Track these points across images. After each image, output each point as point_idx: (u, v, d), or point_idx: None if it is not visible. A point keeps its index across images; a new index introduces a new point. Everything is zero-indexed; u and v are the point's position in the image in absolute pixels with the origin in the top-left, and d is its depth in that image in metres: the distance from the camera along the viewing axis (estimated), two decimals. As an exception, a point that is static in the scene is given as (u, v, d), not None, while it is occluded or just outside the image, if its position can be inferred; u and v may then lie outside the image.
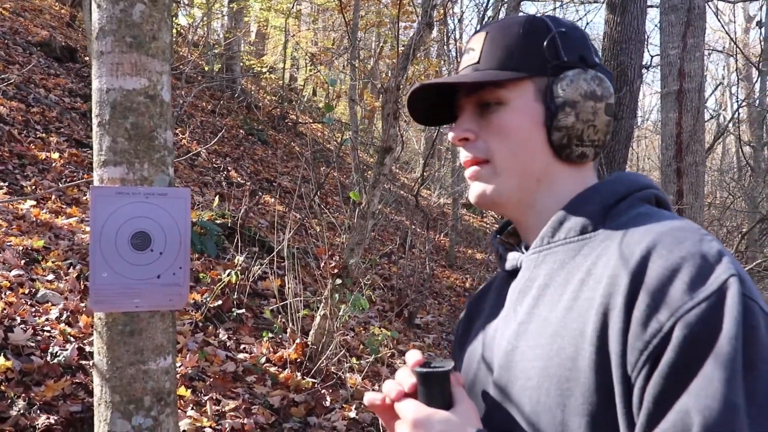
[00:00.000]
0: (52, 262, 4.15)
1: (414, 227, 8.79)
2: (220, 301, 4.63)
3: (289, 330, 4.62)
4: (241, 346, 4.34)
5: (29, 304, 3.62)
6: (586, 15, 14.96)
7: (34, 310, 3.59)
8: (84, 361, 3.32)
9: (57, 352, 3.25)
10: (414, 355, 0.93)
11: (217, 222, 5.86)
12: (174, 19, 12.42)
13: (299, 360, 4.34)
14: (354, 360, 4.64)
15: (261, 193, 8.35)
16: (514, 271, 0.96)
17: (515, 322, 0.89)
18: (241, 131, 11.18)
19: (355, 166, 7.92)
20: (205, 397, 3.51)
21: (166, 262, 1.55)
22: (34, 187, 5.26)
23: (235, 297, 4.80)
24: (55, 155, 6.01)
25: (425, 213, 8.88)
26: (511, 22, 0.96)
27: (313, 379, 4.17)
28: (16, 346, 3.17)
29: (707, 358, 0.68)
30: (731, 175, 15.08)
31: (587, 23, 20.49)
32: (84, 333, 3.54)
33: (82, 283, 4.01)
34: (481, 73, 0.93)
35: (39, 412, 2.83)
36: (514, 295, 0.93)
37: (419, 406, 0.84)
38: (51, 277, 4.01)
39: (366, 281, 5.56)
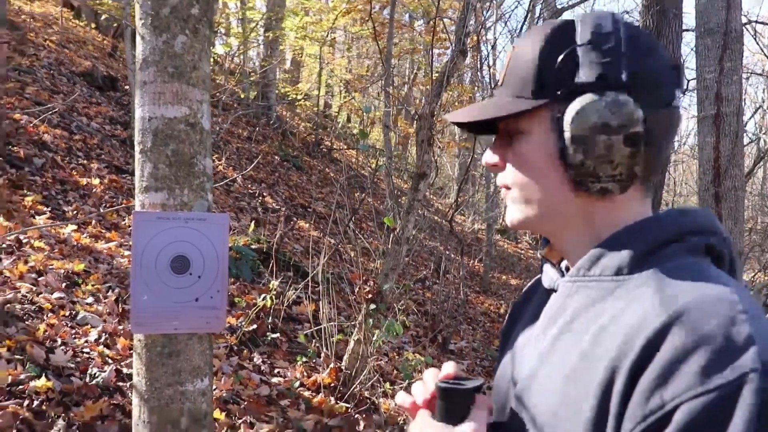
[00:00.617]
0: (92, 286, 4.23)
1: (448, 253, 8.78)
2: (255, 325, 4.67)
3: (323, 354, 4.63)
4: (276, 370, 4.36)
5: (70, 326, 3.70)
6: (620, 40, 14.88)
7: (74, 332, 3.66)
8: (121, 383, 3.37)
9: (96, 374, 3.31)
10: (448, 367, 0.92)
11: (253, 247, 5.93)
12: (211, 48, 12.68)
13: (333, 385, 4.34)
14: (388, 385, 4.63)
15: (296, 218, 8.43)
16: (553, 288, 0.93)
17: (540, 347, 0.87)
18: (276, 157, 11.32)
19: (390, 191, 7.96)
20: (240, 421, 3.53)
21: (204, 286, 1.58)
22: (75, 212, 5.39)
23: (269, 321, 4.84)
24: (96, 181, 6.16)
25: (459, 239, 8.87)
26: (539, 33, 0.87)
27: (347, 404, 4.17)
28: (56, 367, 3.24)
29: None
30: (772, 200, 14.77)
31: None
32: (122, 355, 3.60)
33: (120, 306, 4.08)
34: (490, 107, 0.89)
35: (78, 432, 2.88)
36: (546, 317, 0.90)
37: (424, 420, 0.86)
38: (90, 300, 4.09)
39: (400, 306, 5.56)
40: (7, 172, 5.56)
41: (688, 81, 11.13)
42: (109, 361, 3.52)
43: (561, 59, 0.82)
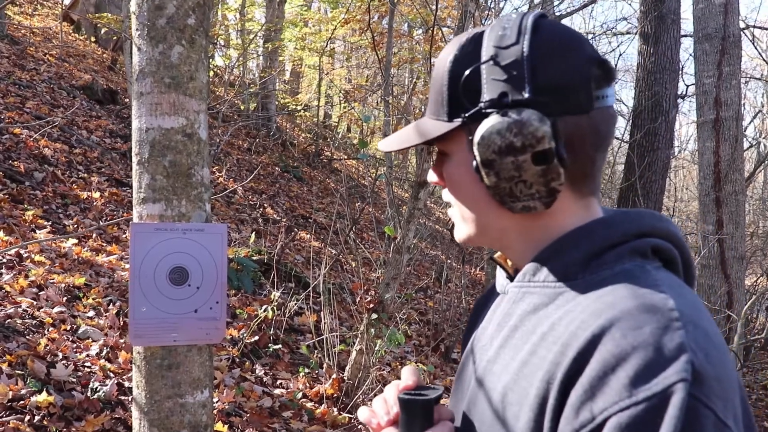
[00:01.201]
0: (93, 299, 4.22)
1: (449, 261, 8.76)
2: (257, 337, 4.65)
3: (325, 365, 4.62)
4: (278, 382, 4.34)
5: (71, 340, 3.69)
6: (618, 46, 14.91)
7: (75, 346, 3.65)
8: (123, 397, 3.35)
9: (97, 388, 3.30)
10: (408, 373, 0.91)
11: (254, 258, 5.92)
12: (211, 60, 12.73)
13: (336, 395, 4.32)
14: (390, 395, 4.60)
15: (297, 229, 8.43)
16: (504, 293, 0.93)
17: (487, 355, 0.86)
18: (276, 168, 11.33)
19: (390, 201, 7.96)
20: (242, 433, 3.51)
21: (204, 297, 1.57)
22: (75, 225, 5.38)
23: (271, 332, 4.82)
24: (96, 194, 6.16)
25: (461, 247, 8.86)
26: (450, 48, 0.84)
27: (350, 415, 4.15)
28: (58, 382, 3.23)
29: None
30: (774, 204, 14.77)
31: (620, 54, 20.41)
32: (123, 369, 3.59)
33: (121, 319, 4.07)
34: (413, 133, 0.88)
35: (79, 447, 2.86)
36: (494, 324, 0.89)
37: None
38: (92, 313, 4.08)
39: (402, 316, 5.54)
40: (8, 186, 5.56)
41: (687, 86, 11.16)
42: (111, 374, 3.51)
43: (464, 80, 0.80)
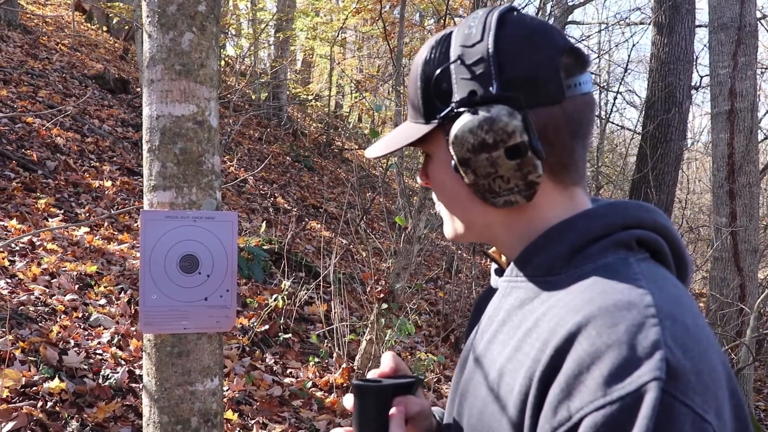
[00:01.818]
0: (105, 287, 4.24)
1: (460, 252, 8.74)
2: (267, 326, 4.66)
3: (335, 354, 4.62)
4: (288, 371, 4.35)
5: (82, 327, 3.71)
6: (632, 37, 14.79)
7: (87, 333, 3.67)
8: (134, 384, 3.37)
9: (108, 375, 3.32)
10: (386, 360, 0.92)
11: (264, 248, 5.93)
12: (222, 50, 12.73)
13: (345, 385, 4.33)
14: (400, 385, 4.60)
15: (307, 218, 8.43)
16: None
17: (477, 350, 0.86)
18: (287, 158, 11.34)
19: (401, 191, 7.94)
20: (252, 421, 3.53)
21: (214, 285, 1.57)
22: (87, 214, 5.41)
23: (281, 322, 4.83)
24: (108, 183, 6.18)
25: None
26: (423, 50, 0.85)
27: (360, 404, 4.15)
28: (70, 369, 3.25)
29: None
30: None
31: (633, 45, 20.24)
32: (134, 356, 3.61)
33: (132, 307, 4.09)
34: (396, 136, 0.90)
35: (91, 434, 2.88)
36: (485, 319, 0.89)
37: None
38: (103, 301, 4.10)
39: (412, 306, 5.54)
40: (21, 174, 5.59)
41: (701, 77, 11.05)
42: (122, 362, 3.53)
43: (435, 81, 0.81)
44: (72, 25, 12.16)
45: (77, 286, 4.11)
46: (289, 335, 4.74)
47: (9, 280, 3.88)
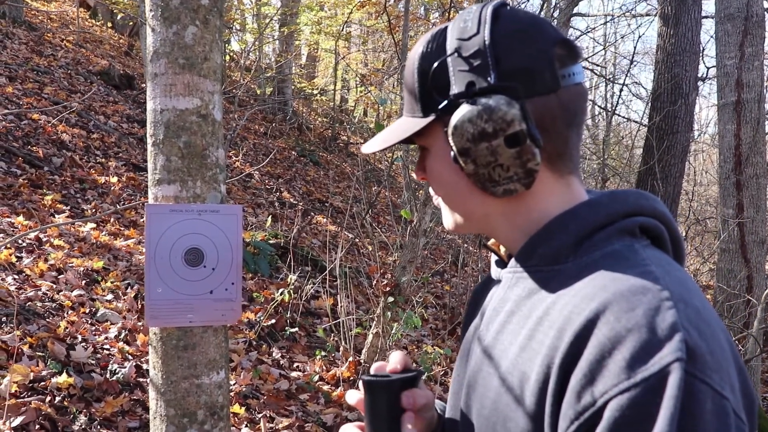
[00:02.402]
0: (111, 283, 4.26)
1: (466, 245, 8.74)
2: (274, 320, 4.67)
3: (341, 348, 4.63)
4: (295, 365, 4.36)
5: (90, 323, 3.72)
6: (638, 28, 14.71)
7: (94, 328, 3.69)
8: (141, 379, 3.39)
9: (116, 370, 3.33)
10: (395, 357, 0.93)
11: (271, 242, 5.93)
12: (227, 45, 12.73)
13: (352, 378, 4.34)
14: (407, 378, 4.61)
15: (313, 213, 8.44)
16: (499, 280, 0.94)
17: (484, 341, 0.87)
18: (293, 153, 11.34)
19: (406, 184, 7.93)
20: (259, 415, 3.54)
21: (219, 278, 1.57)
22: (94, 210, 5.42)
23: (288, 316, 4.84)
24: (114, 179, 6.19)
25: (477, 231, 8.79)
26: (418, 45, 0.87)
27: (366, 398, 4.16)
28: (77, 364, 3.26)
29: None
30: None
31: (639, 36, 20.15)
32: (141, 351, 3.62)
33: (139, 302, 4.10)
34: (394, 131, 0.90)
35: (99, 427, 2.90)
36: (490, 311, 0.90)
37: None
38: (110, 297, 4.11)
39: (418, 299, 5.54)
40: (27, 171, 5.60)
41: (708, 69, 10.98)
42: (129, 357, 3.54)
43: (432, 74, 0.83)
44: (77, 22, 12.18)
45: (84, 282, 4.13)
46: (296, 329, 4.75)
47: (16, 276, 3.89)
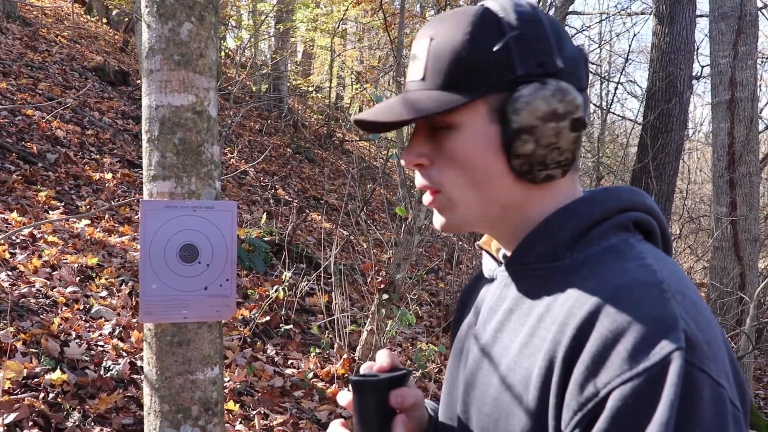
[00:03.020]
0: (105, 279, 4.25)
1: (461, 243, 8.75)
2: (268, 317, 4.67)
3: (336, 345, 4.64)
4: (289, 362, 4.37)
5: (84, 319, 3.72)
6: (633, 26, 14.73)
7: (88, 325, 3.68)
8: (135, 375, 3.38)
9: (110, 366, 3.33)
10: (382, 355, 0.93)
11: (265, 239, 5.93)
12: (222, 41, 12.70)
13: (346, 375, 4.34)
14: (401, 375, 4.61)
15: (308, 210, 8.43)
16: (493, 278, 0.94)
17: (482, 340, 0.87)
18: (288, 150, 11.33)
19: (401, 181, 7.93)
20: (254, 412, 3.54)
21: (213, 274, 1.57)
22: (88, 206, 5.41)
23: (283, 313, 4.84)
24: (108, 176, 6.18)
25: (472, 228, 8.79)
26: (458, 22, 0.82)
27: (361, 395, 4.17)
28: (71, 360, 3.26)
29: None
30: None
31: (634, 35, 20.18)
32: (135, 348, 3.62)
33: (133, 299, 4.10)
34: (422, 99, 0.82)
35: (93, 424, 2.89)
36: (486, 309, 0.90)
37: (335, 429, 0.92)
38: (104, 293, 4.11)
39: (413, 296, 5.55)
40: (21, 167, 5.59)
41: (702, 67, 11.01)
42: (123, 353, 3.54)
43: (498, 50, 0.79)
44: (71, 17, 12.13)
45: (78, 278, 4.12)
46: (290, 326, 4.75)
47: (10, 273, 3.89)
